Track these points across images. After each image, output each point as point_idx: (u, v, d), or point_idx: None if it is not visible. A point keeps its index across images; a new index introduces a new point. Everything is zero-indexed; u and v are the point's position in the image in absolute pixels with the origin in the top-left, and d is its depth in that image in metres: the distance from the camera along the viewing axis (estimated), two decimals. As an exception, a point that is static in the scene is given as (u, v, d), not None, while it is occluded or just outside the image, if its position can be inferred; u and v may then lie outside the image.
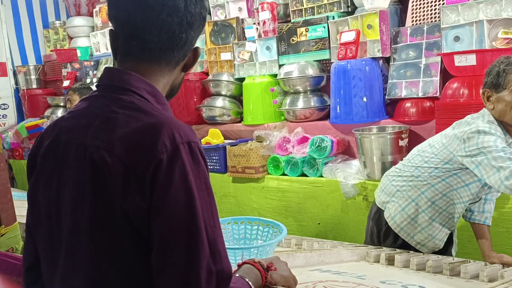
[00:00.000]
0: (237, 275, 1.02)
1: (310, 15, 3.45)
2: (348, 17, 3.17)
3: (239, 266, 1.10)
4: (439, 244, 1.99)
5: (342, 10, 3.31)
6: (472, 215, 2.10)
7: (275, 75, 3.59)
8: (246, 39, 3.78)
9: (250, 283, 1.00)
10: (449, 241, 2.06)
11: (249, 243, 1.74)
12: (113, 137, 0.89)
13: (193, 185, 0.87)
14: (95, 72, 5.11)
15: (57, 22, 5.95)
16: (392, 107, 3.10)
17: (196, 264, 0.85)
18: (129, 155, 0.87)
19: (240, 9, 4.03)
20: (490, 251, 2.02)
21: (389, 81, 3.05)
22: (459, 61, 2.36)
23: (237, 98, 3.93)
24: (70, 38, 5.72)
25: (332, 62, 3.19)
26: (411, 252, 1.93)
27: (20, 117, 5.71)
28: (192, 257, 0.85)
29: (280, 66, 3.56)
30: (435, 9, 2.97)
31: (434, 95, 2.82)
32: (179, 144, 0.88)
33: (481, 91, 1.85)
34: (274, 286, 1.11)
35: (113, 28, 1.00)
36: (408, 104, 2.93)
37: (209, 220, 0.89)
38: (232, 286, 0.92)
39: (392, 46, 3.06)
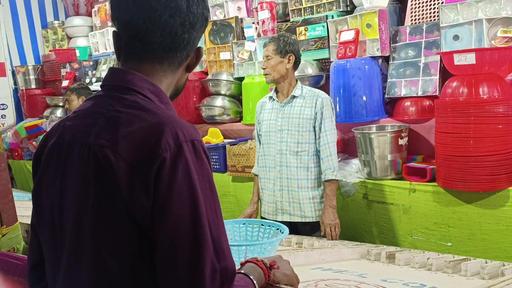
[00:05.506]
0: (241, 272, 1.02)
1: (309, 15, 3.45)
2: (347, 16, 3.17)
3: (242, 264, 1.09)
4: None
5: (341, 9, 3.31)
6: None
7: (275, 75, 3.59)
8: (245, 39, 3.78)
9: (254, 281, 1.00)
10: None
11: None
12: (116, 136, 0.89)
13: (196, 183, 0.87)
14: (94, 72, 5.10)
15: (56, 22, 5.94)
16: (391, 106, 3.10)
17: (200, 262, 0.85)
18: (133, 153, 0.87)
19: (239, 8, 4.03)
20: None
21: (388, 80, 3.06)
22: (459, 60, 2.36)
23: (237, 98, 3.93)
24: (69, 38, 5.72)
25: (332, 61, 3.19)
26: (412, 250, 1.94)
27: (19, 117, 5.70)
28: (196, 255, 0.85)
29: (280, 65, 3.55)
30: (434, 8, 2.98)
31: (434, 94, 2.83)
32: (182, 142, 0.88)
33: None
34: (277, 285, 1.11)
35: (116, 30, 1.01)
36: (407, 103, 2.94)
37: (213, 218, 0.89)
38: (236, 284, 0.92)
39: (391, 45, 3.06)
